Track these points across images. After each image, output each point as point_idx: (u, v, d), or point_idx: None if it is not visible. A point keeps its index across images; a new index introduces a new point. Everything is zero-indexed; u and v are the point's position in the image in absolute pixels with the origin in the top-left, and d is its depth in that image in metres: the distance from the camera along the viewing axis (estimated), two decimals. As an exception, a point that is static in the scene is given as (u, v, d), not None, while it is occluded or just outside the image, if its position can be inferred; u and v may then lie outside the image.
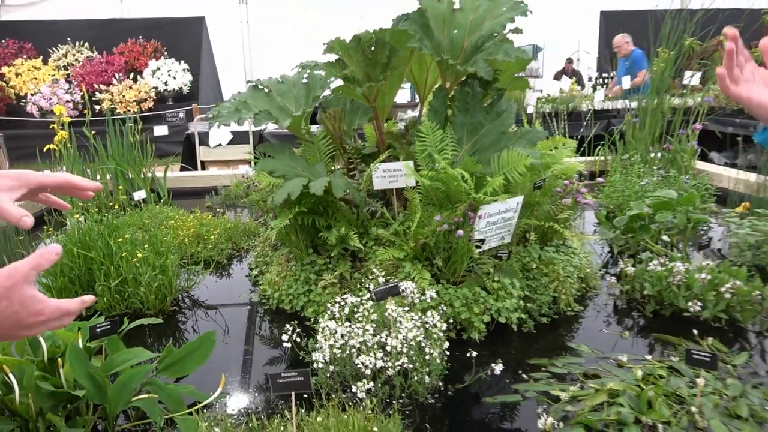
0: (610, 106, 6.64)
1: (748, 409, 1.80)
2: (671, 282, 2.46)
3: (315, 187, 2.34)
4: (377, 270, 2.35)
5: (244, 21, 11.70)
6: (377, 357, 1.85)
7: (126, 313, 2.60)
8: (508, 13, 2.46)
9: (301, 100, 2.93)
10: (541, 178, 2.65)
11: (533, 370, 2.10)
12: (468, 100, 2.54)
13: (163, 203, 4.30)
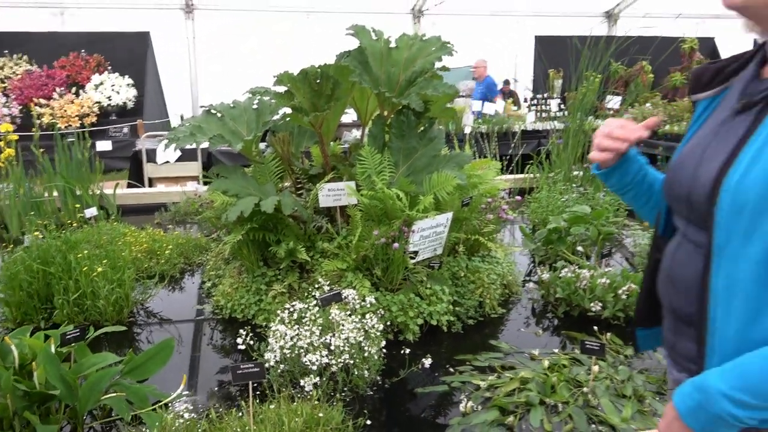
0: (540, 127, 7.17)
1: (632, 389, 2.17)
2: (578, 286, 2.84)
3: (266, 206, 2.59)
4: (323, 280, 2.61)
5: (191, 37, 11.76)
6: (323, 355, 2.11)
7: (85, 325, 2.75)
8: (437, 53, 2.81)
9: (252, 124, 3.18)
10: (469, 196, 2.99)
11: (459, 365, 2.42)
12: (403, 128, 2.86)
13: (113, 220, 4.41)
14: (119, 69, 10.06)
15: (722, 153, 0.88)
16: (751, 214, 0.81)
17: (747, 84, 0.94)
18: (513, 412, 2.04)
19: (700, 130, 1.01)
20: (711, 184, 0.87)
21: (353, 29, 2.92)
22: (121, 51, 10.39)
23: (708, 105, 1.02)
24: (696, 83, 1.04)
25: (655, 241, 1.11)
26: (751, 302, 0.82)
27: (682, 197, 0.97)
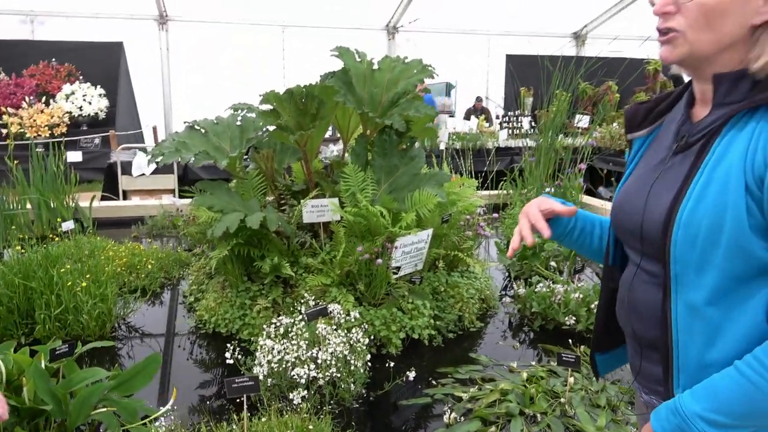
0: (513, 144, 7.37)
1: (605, 399, 2.28)
2: (553, 301, 2.96)
3: (251, 221, 2.64)
4: (308, 294, 2.67)
5: (164, 48, 11.70)
6: (310, 369, 2.16)
7: (67, 340, 2.74)
8: (418, 75, 2.92)
9: (235, 140, 3.23)
10: (448, 213, 3.09)
11: (441, 377, 2.49)
12: (386, 147, 2.96)
13: (89, 233, 4.37)
14: (91, 79, 9.94)
15: (670, 190, 0.94)
16: (702, 246, 0.87)
17: (680, 126, 1.01)
18: (494, 423, 2.12)
19: (639, 168, 1.07)
20: (663, 219, 0.93)
21: (338, 50, 3.01)
22: (94, 61, 10.26)
23: (643, 142, 1.10)
24: (631, 123, 1.11)
25: (606, 271, 1.15)
26: (709, 326, 0.90)
27: (635, 232, 1.02)
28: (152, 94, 11.59)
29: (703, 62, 0.93)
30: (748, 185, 0.84)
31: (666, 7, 0.93)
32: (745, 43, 0.90)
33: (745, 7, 0.87)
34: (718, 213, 0.86)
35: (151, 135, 10.13)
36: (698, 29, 0.90)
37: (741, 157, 0.86)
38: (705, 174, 0.89)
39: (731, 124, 0.90)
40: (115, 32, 10.87)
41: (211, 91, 11.44)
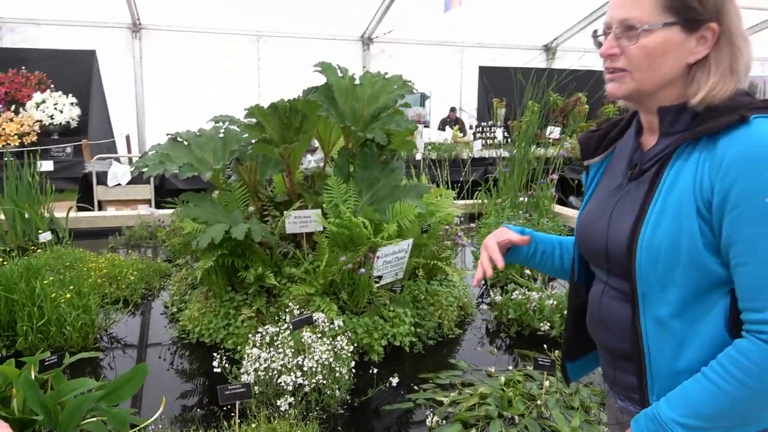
0: (487, 155, 7.54)
1: (579, 401, 2.39)
2: (528, 308, 3.08)
3: (236, 232, 2.70)
4: (292, 304, 2.73)
5: (137, 56, 11.62)
6: (297, 376, 2.23)
7: (53, 352, 2.75)
8: (398, 90, 3.02)
9: (218, 152, 3.28)
10: (427, 224, 3.19)
11: (423, 383, 2.58)
12: (367, 159, 3.04)
13: (66, 244, 4.35)
14: (63, 87, 9.81)
15: (629, 215, 1.03)
16: (664, 266, 0.96)
17: (632, 153, 1.10)
18: (474, 425, 2.22)
19: (598, 192, 1.16)
20: (627, 242, 1.01)
21: (320, 66, 3.10)
22: (66, 69, 10.13)
23: (598, 168, 1.19)
24: (586, 150, 1.20)
25: (572, 288, 1.23)
26: (675, 337, 0.98)
27: (601, 254, 1.10)
28: (125, 103, 11.48)
29: (647, 97, 1.03)
30: (699, 209, 0.94)
31: (611, 49, 1.02)
32: (684, 80, 1.00)
33: (680, 49, 0.98)
34: (674, 235, 0.95)
35: (124, 144, 10.04)
36: (641, 69, 1.00)
37: (690, 184, 0.95)
38: (660, 200, 0.98)
39: (677, 154, 0.99)
40: (88, 40, 10.76)
41: (185, 100, 11.42)
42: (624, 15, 1.00)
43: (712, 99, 0.97)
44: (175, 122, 10.28)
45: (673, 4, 0.97)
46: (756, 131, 0.91)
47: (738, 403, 0.91)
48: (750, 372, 0.89)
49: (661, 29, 0.97)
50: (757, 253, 0.90)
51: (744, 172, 0.90)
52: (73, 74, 10.17)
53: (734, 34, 0.98)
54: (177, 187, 6.59)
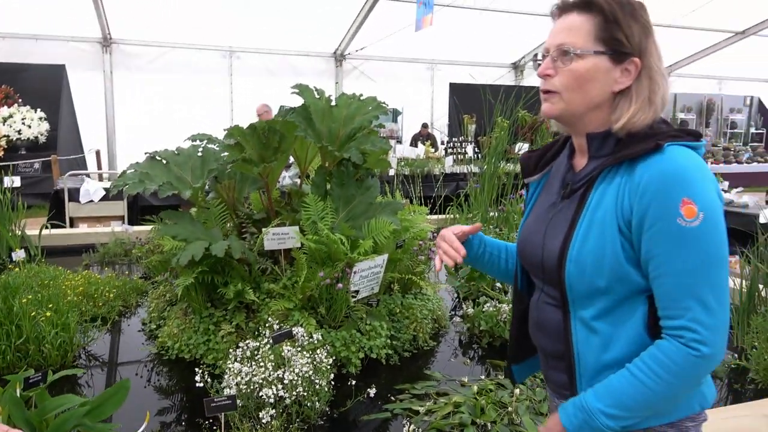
0: (458, 170, 7.72)
1: (547, 407, 2.52)
2: (500, 319, 3.21)
3: (217, 250, 2.77)
4: (271, 319, 2.80)
5: (108, 70, 11.53)
6: (278, 389, 2.30)
7: (45, 369, 2.75)
8: (373, 112, 3.14)
9: (197, 171, 3.34)
10: (402, 239, 3.31)
11: (399, 393, 2.68)
12: (343, 178, 3.15)
13: (40, 262, 4.32)
14: (32, 102, 9.69)
15: (561, 231, 1.13)
16: (590, 277, 1.07)
17: (565, 174, 1.21)
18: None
19: (536, 208, 1.26)
20: (558, 256, 1.12)
21: (298, 88, 3.20)
22: (34, 83, 10.00)
23: (537, 185, 1.29)
24: (526, 168, 1.30)
25: (516, 295, 1.33)
26: (601, 339, 1.10)
27: (537, 266, 1.20)
28: (95, 118, 11.35)
29: (576, 119, 1.14)
30: (620, 227, 1.06)
31: (547, 70, 1.14)
32: (609, 107, 1.12)
33: (607, 77, 1.10)
34: (599, 250, 1.07)
35: (95, 159, 9.93)
36: (571, 90, 1.11)
37: (613, 204, 1.07)
38: (587, 218, 1.10)
39: (602, 177, 1.11)
40: (57, 54, 10.64)
41: (156, 114, 11.35)
42: (561, 41, 1.12)
43: (632, 126, 1.09)
44: (146, 137, 10.27)
45: (604, 36, 1.09)
46: (668, 158, 1.02)
47: (657, 396, 1.03)
48: (669, 369, 1.01)
49: (591, 56, 1.09)
50: (671, 268, 1.01)
51: (657, 195, 1.01)
52: (42, 88, 10.05)
53: (653, 70, 1.11)
54: (150, 204, 6.59)
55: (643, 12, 1.12)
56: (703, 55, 13.84)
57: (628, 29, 1.09)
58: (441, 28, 10.24)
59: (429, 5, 7.76)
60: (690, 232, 1.00)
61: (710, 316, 1.00)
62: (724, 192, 5.90)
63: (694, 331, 1.00)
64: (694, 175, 1.02)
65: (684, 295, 1.01)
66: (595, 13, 1.10)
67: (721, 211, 1.03)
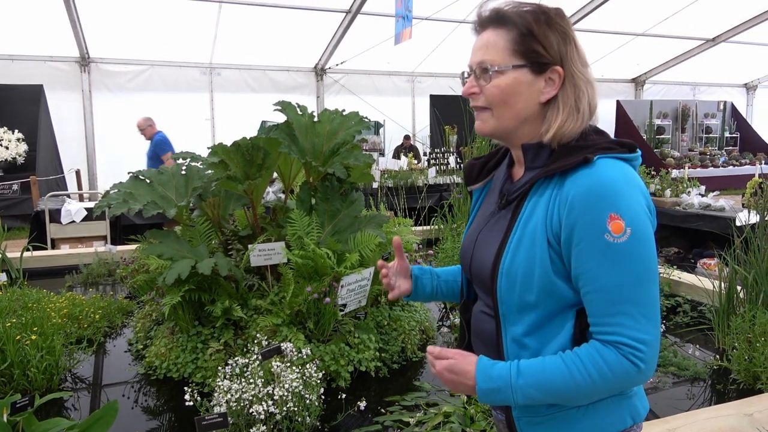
0: (441, 181, 7.79)
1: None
2: (486, 328, 3.24)
3: (203, 268, 2.77)
4: (259, 335, 2.80)
5: (86, 90, 11.45)
6: (268, 405, 2.30)
7: (32, 393, 2.72)
8: (356, 127, 3.18)
9: (181, 189, 3.35)
10: (388, 252, 3.33)
11: (389, 405, 2.69)
12: (328, 192, 3.18)
13: (22, 285, 4.27)
14: (9, 123, 9.61)
15: (494, 242, 1.12)
16: (520, 291, 1.05)
17: (503, 184, 1.20)
18: (440, 443, 2.34)
19: (477, 217, 1.25)
20: (490, 267, 1.10)
21: (281, 105, 3.23)
22: (12, 104, 9.93)
23: (480, 193, 1.27)
24: (468, 176, 1.29)
25: (462, 304, 1.30)
26: (531, 353, 1.07)
27: (473, 274, 1.19)
28: (74, 138, 11.26)
29: (510, 134, 1.13)
30: (550, 241, 1.04)
31: (471, 89, 1.12)
32: (539, 118, 1.10)
33: (531, 89, 1.08)
34: (529, 263, 1.05)
35: (74, 179, 9.84)
36: (497, 105, 1.09)
37: (543, 217, 1.05)
38: (518, 230, 1.08)
39: (535, 189, 1.09)
40: (35, 75, 10.56)
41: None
42: (480, 58, 1.10)
43: (562, 136, 1.07)
44: (126, 156, 10.20)
45: (521, 49, 1.07)
46: (596, 172, 1.01)
47: (580, 393, 1.02)
48: (603, 374, 1.00)
49: (511, 70, 1.07)
50: (601, 284, 1.00)
51: (585, 210, 0.99)
52: (20, 109, 9.97)
53: (576, 76, 1.08)
54: (133, 223, 6.55)
55: (560, 19, 1.10)
56: (677, 62, 14.16)
57: (545, 39, 1.08)
58: (420, 41, 10.37)
59: (408, 19, 7.86)
60: (618, 248, 0.99)
61: (644, 331, 0.99)
62: (701, 196, 6.03)
63: (634, 348, 0.99)
64: (622, 189, 1.00)
65: (616, 311, 1.00)
66: (509, 27, 1.09)
67: (649, 225, 1.02)
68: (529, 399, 1.03)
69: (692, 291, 4.03)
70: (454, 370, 1.08)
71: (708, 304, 3.62)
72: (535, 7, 1.10)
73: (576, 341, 1.05)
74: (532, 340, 1.07)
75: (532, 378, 1.03)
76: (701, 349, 3.32)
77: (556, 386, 1.02)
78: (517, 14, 1.09)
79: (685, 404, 2.72)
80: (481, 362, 1.07)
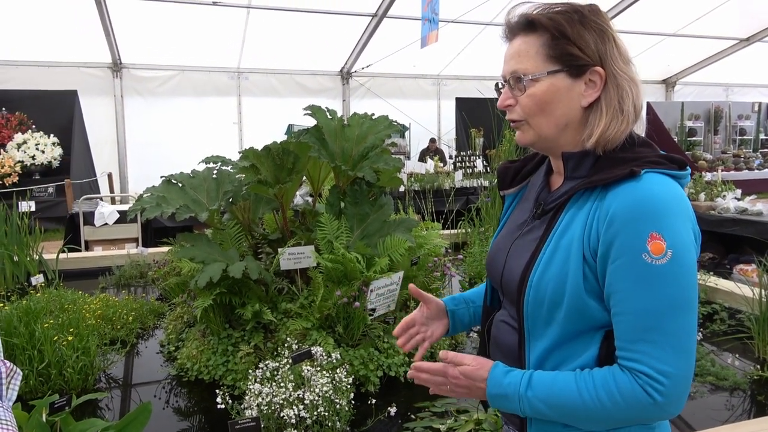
0: (468, 184, 7.74)
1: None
2: (517, 334, 3.20)
3: (234, 271, 2.79)
4: (289, 339, 2.81)
5: (119, 95, 11.71)
6: (299, 409, 2.31)
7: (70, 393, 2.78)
8: (385, 131, 3.18)
9: (212, 193, 3.38)
10: (417, 256, 3.32)
11: (419, 411, 2.67)
12: (357, 196, 3.18)
13: (58, 286, 4.37)
14: (45, 127, 9.86)
15: (525, 253, 1.07)
16: (548, 306, 1.01)
17: (539, 192, 1.15)
18: (471, 450, 2.31)
19: (508, 224, 1.21)
20: (519, 280, 1.06)
21: (311, 109, 3.25)
22: (47, 109, 10.20)
23: (513, 198, 1.23)
24: (502, 181, 1.24)
25: (484, 311, 1.27)
26: (553, 368, 1.04)
27: (498, 283, 1.17)
28: (107, 141, 11.54)
29: (550, 143, 1.08)
30: (585, 256, 0.98)
31: (506, 101, 1.09)
32: (581, 124, 1.04)
33: (570, 94, 1.03)
34: (561, 278, 0.99)
35: (107, 182, 10.06)
36: (534, 115, 1.05)
37: (581, 231, 0.99)
38: (552, 243, 1.03)
39: (573, 200, 1.03)
40: (69, 80, 10.84)
41: (166, 136, 11.51)
42: (513, 68, 1.06)
43: (607, 140, 1.01)
44: (156, 159, 10.39)
45: (554, 53, 1.02)
46: (642, 186, 0.94)
47: (588, 413, 0.97)
48: (615, 401, 0.95)
49: (546, 77, 1.02)
50: (633, 306, 0.94)
51: (625, 226, 0.93)
52: (55, 114, 10.24)
53: (619, 76, 1.02)
54: (163, 225, 6.66)
55: (595, 16, 1.04)
56: (709, 62, 13.86)
57: (580, 40, 1.02)
58: (446, 44, 10.33)
59: (434, 22, 7.84)
60: (654, 270, 0.92)
61: (668, 363, 0.93)
62: (737, 200, 5.87)
63: (653, 378, 0.93)
64: (669, 208, 0.94)
65: (641, 338, 0.94)
66: (540, 32, 1.04)
67: (692, 251, 0.95)
68: (536, 412, 1.00)
69: (730, 298, 3.92)
70: (469, 376, 1.07)
71: (747, 312, 3.51)
72: (566, 7, 1.05)
73: (601, 363, 1.01)
74: (556, 356, 1.04)
75: (540, 391, 1.00)
76: (740, 359, 3.22)
77: (564, 404, 0.98)
78: (547, 17, 1.03)
79: (724, 415, 2.64)
80: (497, 368, 1.06)
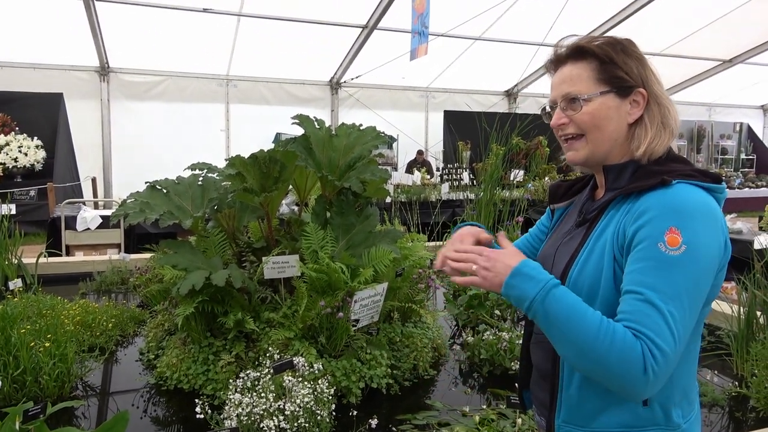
0: (454, 197, 7.77)
1: None
2: (500, 348, 3.21)
3: (217, 279, 2.77)
4: (271, 348, 2.79)
5: (105, 99, 11.62)
6: (280, 420, 2.28)
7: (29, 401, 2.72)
8: (372, 141, 3.19)
9: (197, 200, 3.36)
10: (401, 267, 3.32)
11: (400, 424, 2.65)
12: (343, 207, 3.17)
13: (36, 291, 4.30)
14: (29, 130, 9.73)
15: (567, 255, 1.20)
16: (585, 299, 1.09)
17: (584, 203, 1.30)
18: (452, 464, 2.30)
19: (555, 233, 1.35)
20: (560, 277, 1.16)
21: (298, 118, 3.25)
22: (32, 112, 10.06)
23: (563, 212, 1.38)
24: (553, 196, 1.40)
25: (527, 318, 1.33)
26: None
27: None
28: (91, 146, 11.42)
29: (601, 157, 1.20)
30: (615, 254, 1.10)
31: (560, 120, 1.21)
32: (627, 139, 1.19)
33: (619, 112, 1.17)
34: (595, 276, 1.11)
35: (90, 187, 9.94)
36: (591, 130, 1.18)
37: (613, 232, 1.12)
38: (590, 245, 1.16)
39: (612, 206, 1.17)
40: (55, 83, 10.74)
41: (152, 142, 11.43)
42: (566, 90, 1.19)
43: (652, 151, 1.16)
44: (141, 165, 10.31)
45: (605, 77, 1.17)
46: (673, 191, 1.07)
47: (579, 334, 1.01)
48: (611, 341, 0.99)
49: (598, 97, 1.16)
50: (641, 282, 1.02)
51: (650, 221, 1.04)
52: (40, 117, 10.10)
53: (659, 95, 1.18)
54: (146, 232, 6.59)
55: (633, 47, 1.20)
56: (693, 82, 14.11)
57: (625, 65, 1.17)
58: (435, 57, 10.42)
59: (424, 35, 7.91)
60: (667, 259, 1.01)
61: (667, 343, 0.99)
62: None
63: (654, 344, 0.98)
64: (695, 212, 1.04)
65: (647, 312, 1.00)
66: (590, 59, 1.18)
67: (709, 255, 1.03)
68: (544, 310, 1.04)
69: (710, 315, 3.96)
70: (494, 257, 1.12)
71: (726, 329, 3.55)
72: (609, 39, 1.20)
73: None
74: None
75: (563, 307, 1.04)
76: (719, 375, 3.25)
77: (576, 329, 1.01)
78: (596, 46, 1.18)
79: (703, 431, 2.66)
80: (525, 265, 1.10)
